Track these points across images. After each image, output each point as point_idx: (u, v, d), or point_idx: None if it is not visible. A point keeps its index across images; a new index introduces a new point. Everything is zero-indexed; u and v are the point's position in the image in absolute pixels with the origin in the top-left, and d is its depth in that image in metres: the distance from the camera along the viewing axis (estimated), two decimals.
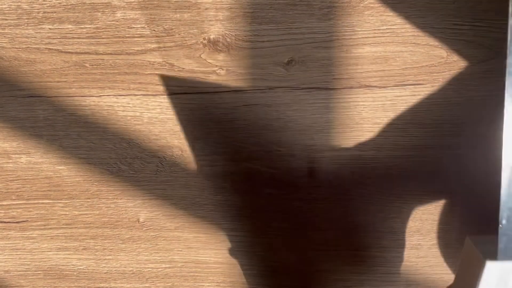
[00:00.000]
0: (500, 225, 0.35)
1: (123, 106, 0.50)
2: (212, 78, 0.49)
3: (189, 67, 0.49)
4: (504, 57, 0.47)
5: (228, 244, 0.53)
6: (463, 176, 0.50)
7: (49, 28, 0.49)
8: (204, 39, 0.48)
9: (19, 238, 0.54)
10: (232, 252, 0.53)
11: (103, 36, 0.49)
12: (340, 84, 0.49)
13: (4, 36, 0.49)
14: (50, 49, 0.49)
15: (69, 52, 0.49)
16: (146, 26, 0.48)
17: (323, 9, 0.47)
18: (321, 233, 0.52)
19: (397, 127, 0.50)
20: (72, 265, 0.55)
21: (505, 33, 0.47)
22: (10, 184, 0.53)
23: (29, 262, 0.55)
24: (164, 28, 0.48)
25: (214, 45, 0.48)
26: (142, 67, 0.49)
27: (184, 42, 0.48)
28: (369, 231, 0.52)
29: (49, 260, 0.55)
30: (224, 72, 0.49)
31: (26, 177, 0.52)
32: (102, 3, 0.48)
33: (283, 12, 0.47)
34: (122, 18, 0.48)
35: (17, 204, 0.53)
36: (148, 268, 0.54)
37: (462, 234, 0.52)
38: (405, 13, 0.47)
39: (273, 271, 0.54)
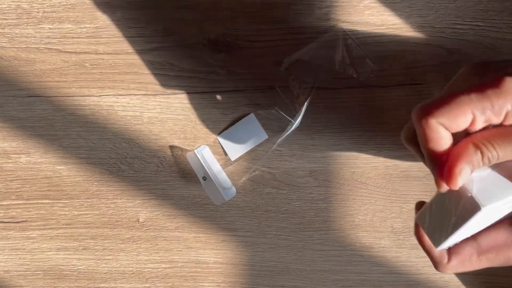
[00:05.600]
0: None
1: (123, 106, 0.50)
2: (212, 78, 0.49)
3: (189, 67, 0.49)
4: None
5: (228, 244, 0.53)
6: None
7: (49, 27, 0.48)
8: (204, 38, 0.48)
9: (19, 238, 0.54)
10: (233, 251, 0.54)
11: (103, 36, 0.48)
12: (340, 83, 0.49)
13: (4, 36, 0.49)
14: (49, 48, 0.49)
15: (69, 52, 0.49)
16: (146, 26, 0.48)
17: (323, 9, 0.47)
18: (321, 233, 0.52)
19: (398, 127, 0.50)
20: (72, 265, 0.54)
21: (505, 33, 0.47)
22: (9, 184, 0.53)
23: (29, 262, 0.55)
24: (164, 28, 0.48)
25: (214, 45, 0.48)
26: (142, 67, 0.49)
27: (184, 42, 0.48)
28: (369, 231, 0.52)
29: (49, 260, 0.54)
30: (224, 72, 0.49)
31: (25, 177, 0.52)
32: (102, 2, 0.48)
33: (283, 12, 0.47)
34: (122, 18, 0.48)
35: (16, 204, 0.53)
36: (148, 268, 0.54)
37: None
38: (405, 13, 0.47)
39: (273, 271, 0.54)
